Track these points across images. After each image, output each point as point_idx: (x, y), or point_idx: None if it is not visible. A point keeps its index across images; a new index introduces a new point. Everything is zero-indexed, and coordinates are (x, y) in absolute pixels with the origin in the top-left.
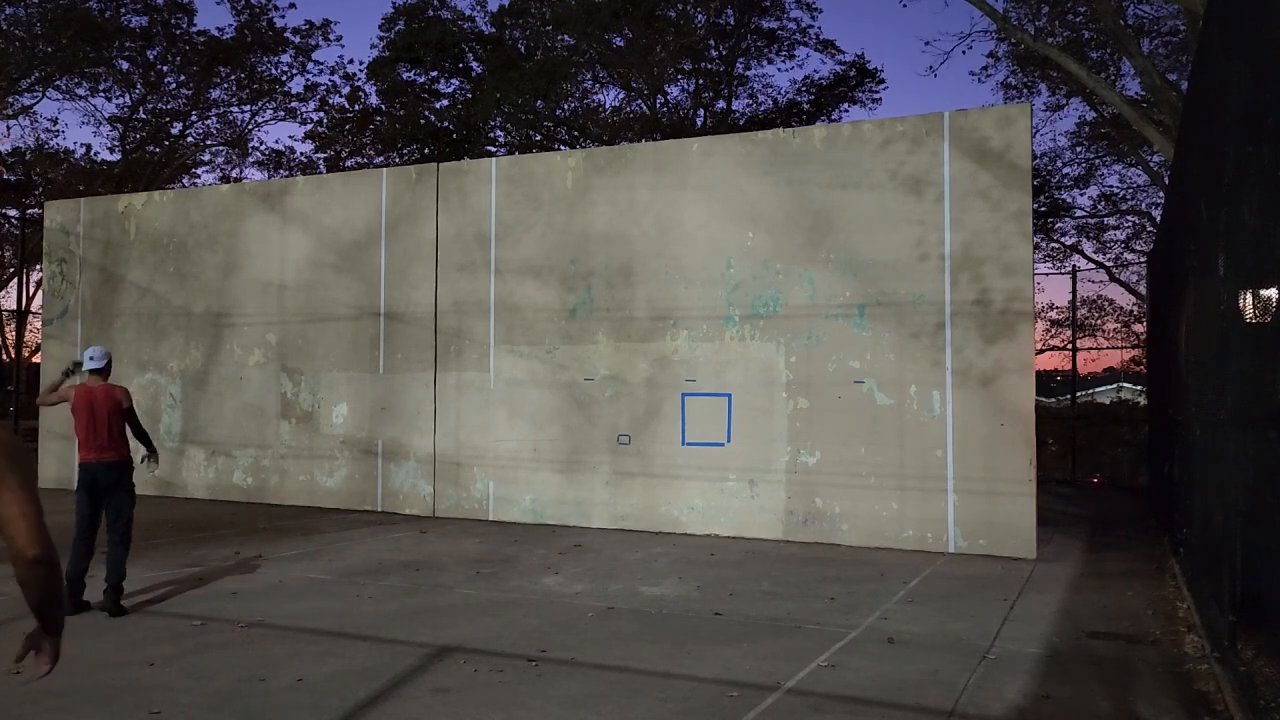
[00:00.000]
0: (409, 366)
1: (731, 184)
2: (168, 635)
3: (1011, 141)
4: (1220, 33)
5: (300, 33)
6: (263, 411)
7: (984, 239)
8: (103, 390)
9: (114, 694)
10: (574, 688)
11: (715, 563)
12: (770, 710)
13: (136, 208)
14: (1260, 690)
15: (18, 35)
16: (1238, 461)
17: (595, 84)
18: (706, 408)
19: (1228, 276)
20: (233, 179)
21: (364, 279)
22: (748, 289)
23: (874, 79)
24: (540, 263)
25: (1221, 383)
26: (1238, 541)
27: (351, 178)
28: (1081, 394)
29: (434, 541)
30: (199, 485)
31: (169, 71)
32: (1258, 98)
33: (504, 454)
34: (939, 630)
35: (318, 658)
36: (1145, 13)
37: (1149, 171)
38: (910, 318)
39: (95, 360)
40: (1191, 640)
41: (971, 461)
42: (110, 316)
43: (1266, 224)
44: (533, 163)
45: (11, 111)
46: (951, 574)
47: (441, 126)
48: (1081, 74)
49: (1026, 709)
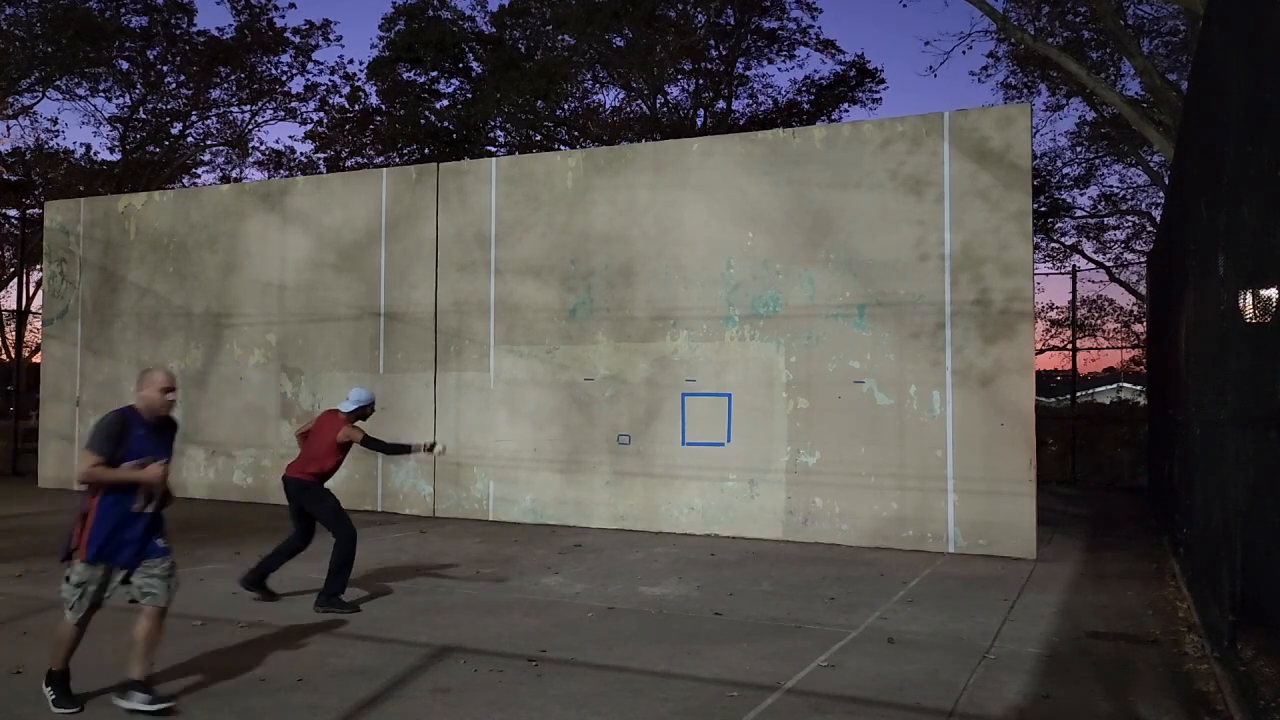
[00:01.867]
0: (409, 366)
1: (731, 184)
2: (168, 635)
3: (1011, 141)
4: (1220, 33)
5: (300, 33)
6: (263, 411)
7: (984, 239)
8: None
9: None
10: (574, 688)
11: (715, 563)
12: (770, 710)
13: (136, 208)
14: (1260, 690)
15: (18, 35)
16: (1238, 461)
17: (595, 84)
18: (706, 408)
19: (1227, 276)
20: (233, 179)
21: (364, 279)
22: (748, 289)
23: (874, 79)
24: (540, 263)
25: (1221, 383)
26: (1238, 541)
27: (351, 178)
28: (1081, 394)
29: (434, 541)
30: (199, 485)
31: (169, 71)
32: (1258, 98)
33: (504, 454)
34: (939, 630)
35: (318, 658)
36: (1145, 13)
37: (1149, 171)
38: (910, 318)
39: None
40: (1191, 640)
41: (971, 461)
42: (110, 316)
43: (1266, 224)
44: (533, 163)
45: (11, 111)
46: (951, 574)
47: (441, 126)
48: (1081, 74)
49: (1026, 709)
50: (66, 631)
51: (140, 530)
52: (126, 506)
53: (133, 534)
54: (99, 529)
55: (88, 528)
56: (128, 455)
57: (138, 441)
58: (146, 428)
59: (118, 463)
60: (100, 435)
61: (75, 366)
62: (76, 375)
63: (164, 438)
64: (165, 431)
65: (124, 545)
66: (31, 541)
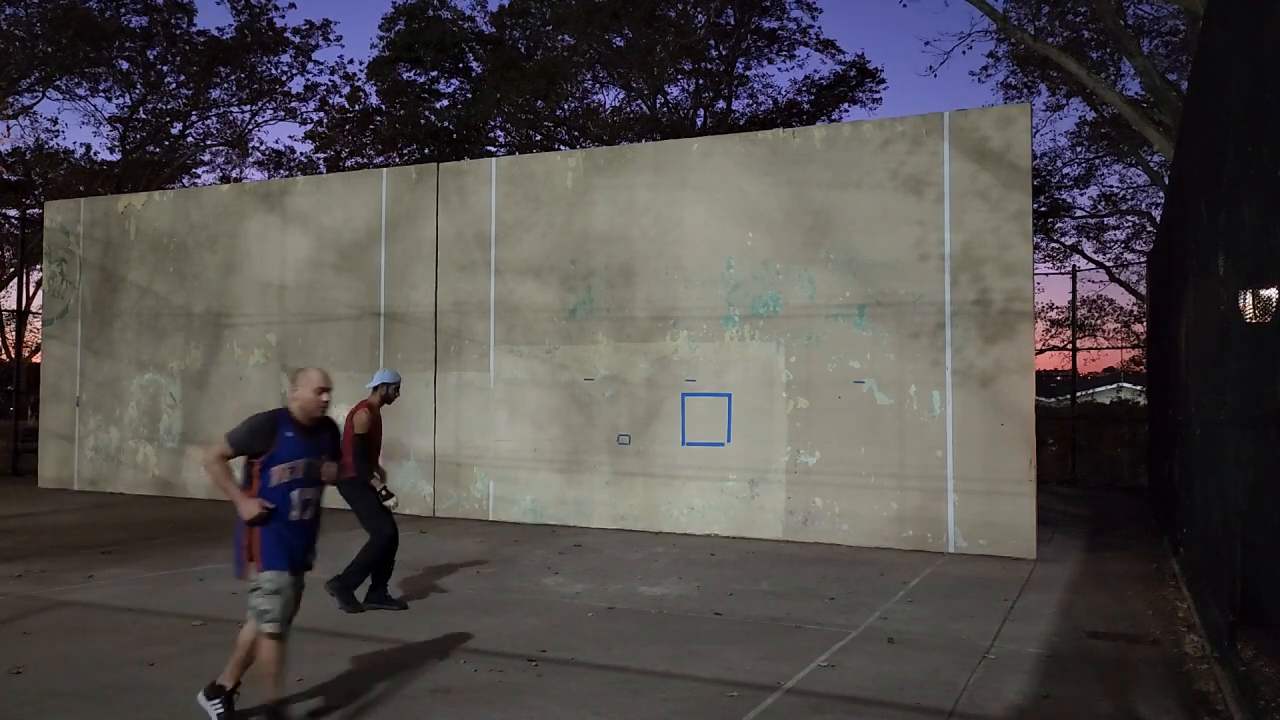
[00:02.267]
0: (409, 366)
1: (731, 184)
2: (168, 635)
3: (1011, 141)
4: (1220, 33)
5: (300, 33)
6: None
7: (984, 239)
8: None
9: (114, 694)
10: (574, 688)
11: (715, 563)
12: (770, 710)
13: (136, 208)
14: (1260, 690)
15: (18, 35)
16: (1238, 461)
17: (595, 84)
18: (706, 408)
19: (1228, 276)
20: (233, 179)
21: (364, 279)
22: (748, 289)
23: (874, 79)
24: (540, 263)
25: (1221, 383)
26: (1238, 541)
27: (351, 178)
28: (1081, 394)
29: (434, 541)
30: (199, 485)
31: (169, 71)
32: (1258, 98)
33: (504, 454)
34: (939, 630)
35: (318, 658)
36: (1145, 13)
37: (1149, 171)
38: (910, 318)
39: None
40: (1191, 640)
41: (971, 461)
42: (110, 316)
43: (1266, 224)
44: (533, 163)
45: (11, 111)
46: (951, 574)
47: (441, 126)
48: (1081, 74)
49: (1026, 709)
50: (272, 649)
51: (306, 533)
52: (285, 510)
53: (299, 538)
54: (272, 532)
55: (258, 535)
56: (275, 458)
57: (286, 444)
58: (299, 429)
59: (261, 463)
60: (243, 428)
61: (75, 366)
62: (76, 375)
63: (319, 440)
64: (321, 433)
65: (296, 547)
66: (31, 541)
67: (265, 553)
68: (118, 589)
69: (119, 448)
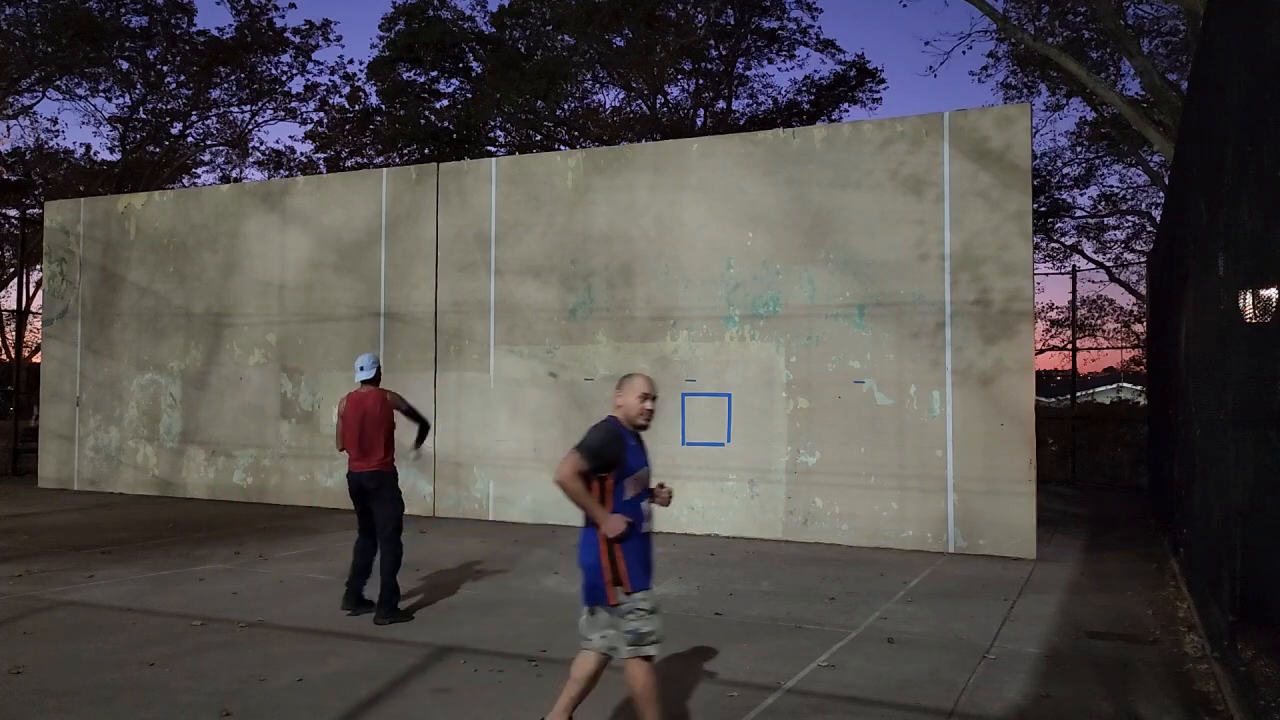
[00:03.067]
0: (409, 366)
1: (731, 184)
2: (168, 635)
3: (1011, 141)
4: (1220, 33)
5: (300, 33)
6: (263, 411)
7: (984, 239)
8: (375, 397)
9: (114, 694)
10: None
11: (715, 563)
12: (770, 710)
13: (136, 208)
14: (1260, 690)
15: (18, 35)
16: (1238, 461)
17: (595, 84)
18: (706, 408)
19: (1228, 276)
20: (233, 179)
21: (364, 279)
22: (748, 289)
23: (874, 79)
24: (540, 263)
25: (1221, 383)
26: (1238, 541)
27: (351, 178)
28: (1081, 394)
29: (434, 541)
30: (199, 485)
31: (169, 71)
32: (1258, 98)
33: (504, 454)
34: (939, 630)
35: (318, 658)
36: (1145, 13)
37: (1149, 171)
38: (910, 318)
39: (366, 370)
40: (1191, 640)
41: (971, 461)
42: (110, 316)
43: (1266, 224)
44: (533, 163)
45: (11, 111)
46: (951, 574)
47: (441, 126)
48: (1081, 74)
49: (1026, 709)
50: (651, 673)
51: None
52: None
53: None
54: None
55: (620, 554)
56: (627, 470)
57: (631, 454)
58: (634, 439)
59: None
60: (595, 439)
61: (75, 366)
62: (76, 375)
63: (644, 449)
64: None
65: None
66: (31, 541)
67: (632, 572)
68: (118, 589)
69: (119, 448)
